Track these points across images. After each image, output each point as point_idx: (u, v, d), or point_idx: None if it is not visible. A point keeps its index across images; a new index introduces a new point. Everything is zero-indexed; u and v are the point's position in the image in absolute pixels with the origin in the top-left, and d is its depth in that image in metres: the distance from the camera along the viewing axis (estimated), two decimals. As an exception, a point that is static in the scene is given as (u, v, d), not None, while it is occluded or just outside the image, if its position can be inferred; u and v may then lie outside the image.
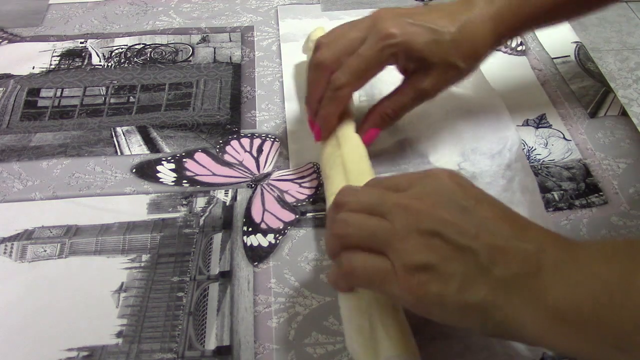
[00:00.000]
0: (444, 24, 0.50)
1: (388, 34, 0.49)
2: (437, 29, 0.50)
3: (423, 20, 0.50)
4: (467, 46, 0.50)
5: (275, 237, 0.54)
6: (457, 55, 0.50)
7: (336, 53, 0.51)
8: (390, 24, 0.50)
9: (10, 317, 0.48)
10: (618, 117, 0.65)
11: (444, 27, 0.50)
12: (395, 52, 0.50)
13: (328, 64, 0.51)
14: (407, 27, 0.50)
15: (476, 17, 0.50)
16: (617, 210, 0.56)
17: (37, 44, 0.76)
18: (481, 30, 0.50)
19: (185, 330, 0.47)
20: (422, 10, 0.52)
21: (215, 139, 0.63)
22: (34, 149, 0.62)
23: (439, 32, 0.50)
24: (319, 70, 0.52)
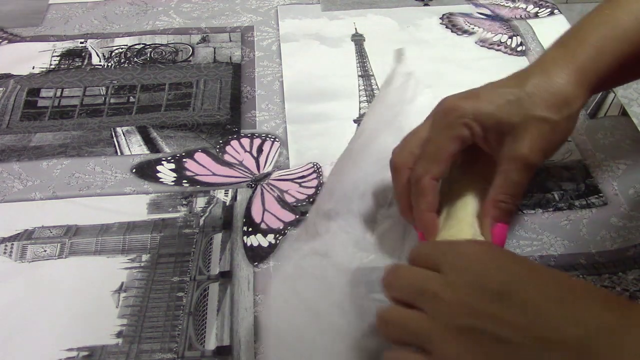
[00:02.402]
0: (514, 82, 0.45)
1: (452, 108, 0.45)
2: (508, 88, 0.45)
3: (490, 87, 0.46)
4: (549, 95, 0.44)
5: (275, 237, 0.54)
6: (540, 108, 0.44)
7: (408, 149, 0.47)
8: (454, 100, 0.46)
9: (10, 317, 0.48)
10: (618, 117, 0.65)
11: (515, 85, 0.45)
12: (464, 122, 0.44)
13: (403, 163, 0.47)
14: (472, 97, 0.45)
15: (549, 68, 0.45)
16: (617, 211, 0.56)
17: (37, 44, 0.76)
18: (561, 77, 0.45)
19: (185, 330, 0.47)
20: (494, 82, 0.47)
21: (215, 139, 0.63)
22: (34, 149, 0.62)
23: (513, 93, 0.44)
24: (397, 173, 0.48)
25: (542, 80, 0.44)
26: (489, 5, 0.83)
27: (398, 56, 0.65)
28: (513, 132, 0.44)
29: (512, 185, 0.44)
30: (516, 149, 0.44)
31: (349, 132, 0.64)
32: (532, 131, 0.43)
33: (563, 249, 0.53)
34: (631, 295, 0.49)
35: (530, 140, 0.43)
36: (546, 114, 0.44)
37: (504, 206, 0.45)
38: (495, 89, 0.46)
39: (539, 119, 0.43)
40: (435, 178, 0.45)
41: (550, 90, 0.44)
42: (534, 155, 0.44)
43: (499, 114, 0.44)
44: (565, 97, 0.44)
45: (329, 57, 0.74)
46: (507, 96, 0.44)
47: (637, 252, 0.52)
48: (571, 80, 0.44)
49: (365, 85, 0.70)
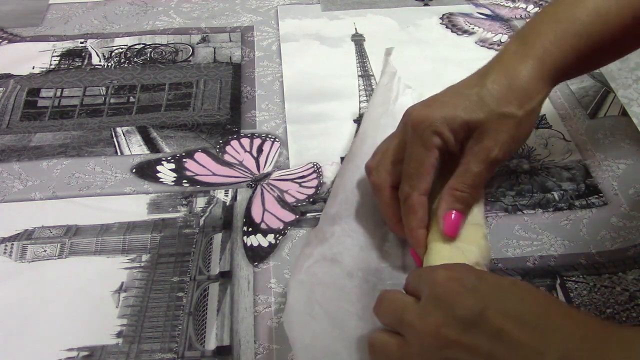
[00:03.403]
0: (475, 82, 0.46)
1: (420, 120, 0.45)
2: (469, 89, 0.46)
3: (450, 91, 0.47)
4: (511, 91, 0.45)
5: (275, 237, 0.54)
6: (503, 104, 0.45)
7: (384, 167, 0.48)
8: (419, 112, 0.46)
9: (10, 317, 0.48)
10: (618, 117, 0.65)
11: (475, 85, 0.46)
12: (436, 131, 0.45)
13: (382, 183, 0.48)
14: (437, 105, 0.46)
15: (509, 63, 0.46)
16: (617, 211, 0.56)
17: (37, 44, 0.76)
18: (522, 71, 0.45)
19: (185, 330, 0.47)
20: (454, 85, 0.48)
21: (215, 139, 0.63)
22: (34, 149, 0.62)
23: (473, 91, 0.46)
24: (379, 192, 0.49)
25: (503, 77, 0.45)
26: (489, 5, 0.83)
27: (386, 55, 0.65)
28: (479, 129, 0.45)
29: (469, 175, 0.45)
30: (480, 143, 0.45)
31: (349, 132, 0.64)
32: (496, 127, 0.45)
33: (563, 249, 0.53)
34: (631, 295, 0.49)
35: (494, 134, 0.44)
36: (509, 110, 0.45)
37: (459, 194, 0.45)
38: (457, 91, 0.47)
39: (503, 115, 0.45)
40: (422, 194, 0.46)
41: (511, 86, 0.45)
42: (497, 149, 0.45)
43: (464, 116, 0.45)
44: (526, 92, 0.45)
45: (329, 57, 0.74)
46: (470, 97, 0.45)
47: (637, 252, 0.52)
48: (532, 75, 0.45)
49: (365, 85, 0.70)
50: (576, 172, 0.59)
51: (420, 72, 0.71)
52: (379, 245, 0.49)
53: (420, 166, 0.46)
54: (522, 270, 0.51)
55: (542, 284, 0.50)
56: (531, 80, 0.45)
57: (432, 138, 0.45)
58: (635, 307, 0.48)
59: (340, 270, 0.47)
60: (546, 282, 0.50)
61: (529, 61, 0.46)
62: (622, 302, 0.49)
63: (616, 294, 0.49)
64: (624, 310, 0.48)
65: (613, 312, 0.48)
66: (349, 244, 0.49)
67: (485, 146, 0.45)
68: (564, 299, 0.49)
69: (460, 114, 0.45)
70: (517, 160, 0.60)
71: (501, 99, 0.45)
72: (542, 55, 0.46)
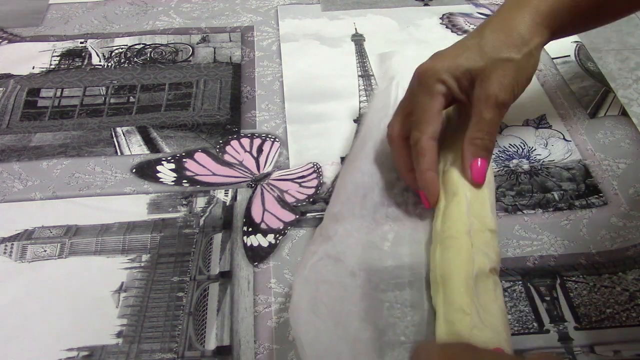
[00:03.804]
0: (475, 34, 0.50)
1: (424, 71, 0.50)
2: (470, 40, 0.50)
3: (456, 45, 0.51)
4: (507, 37, 0.48)
5: (275, 237, 0.54)
6: (501, 50, 0.48)
7: (397, 120, 0.52)
8: (425, 63, 0.50)
9: (10, 317, 0.48)
10: (618, 117, 0.65)
11: (474, 36, 0.50)
12: (439, 79, 0.49)
13: (396, 134, 0.51)
14: (440, 56, 0.50)
15: (506, 15, 0.50)
16: (617, 211, 0.56)
17: (37, 44, 0.76)
18: (518, 19, 0.49)
19: (185, 330, 0.47)
20: (452, 44, 0.52)
21: (215, 139, 0.63)
22: (34, 149, 0.62)
23: (473, 41, 0.49)
24: (393, 143, 0.52)
25: (499, 25, 0.49)
26: (489, 5, 0.83)
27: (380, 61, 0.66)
28: (481, 76, 0.48)
29: (485, 123, 0.48)
30: (485, 89, 0.48)
31: (349, 132, 0.64)
32: (497, 72, 0.48)
33: (563, 249, 0.53)
34: (631, 295, 0.49)
35: (497, 79, 0.47)
36: (507, 54, 0.48)
37: (480, 142, 0.48)
38: (459, 44, 0.50)
39: (502, 60, 0.48)
40: (431, 137, 0.49)
41: (508, 32, 0.48)
42: (502, 92, 0.48)
43: (465, 63, 0.48)
44: (522, 36, 0.48)
45: (329, 57, 0.74)
46: (470, 47, 0.49)
47: (637, 252, 0.52)
48: (527, 21, 0.49)
49: (365, 85, 0.70)
50: (576, 172, 0.59)
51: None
52: (380, 246, 0.49)
53: (426, 112, 0.49)
54: (522, 270, 0.51)
55: (542, 284, 0.50)
56: (527, 26, 0.49)
57: (436, 85, 0.49)
58: (635, 307, 0.48)
59: (343, 270, 0.47)
60: (546, 282, 0.50)
61: (524, 9, 0.49)
62: (622, 302, 0.49)
63: (616, 294, 0.49)
64: (624, 310, 0.48)
65: (613, 312, 0.48)
66: (352, 243, 0.49)
67: (492, 91, 0.47)
68: (564, 299, 0.49)
69: (461, 63, 0.48)
70: (517, 160, 0.60)
71: (499, 46, 0.48)
72: (537, 8, 0.49)
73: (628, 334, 0.47)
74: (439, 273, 0.45)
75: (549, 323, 0.48)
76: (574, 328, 0.47)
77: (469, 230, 0.46)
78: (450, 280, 0.44)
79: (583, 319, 0.48)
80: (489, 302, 0.43)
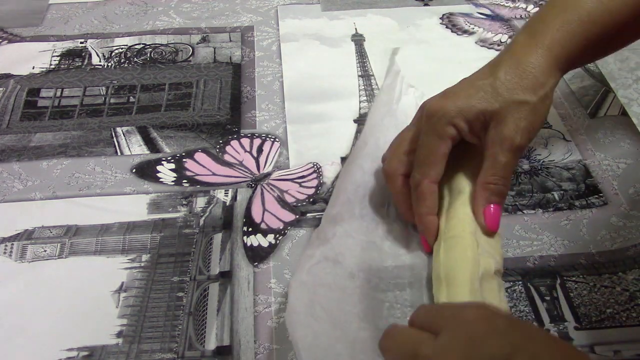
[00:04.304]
0: (487, 73, 0.47)
1: (434, 111, 0.47)
2: (482, 80, 0.47)
3: (465, 82, 0.48)
4: (522, 79, 0.46)
5: (275, 237, 0.54)
6: (516, 92, 0.46)
7: (396, 156, 0.50)
8: (434, 102, 0.48)
9: (10, 317, 0.48)
10: (618, 117, 0.65)
11: (489, 76, 0.47)
12: (450, 121, 0.46)
13: (394, 171, 0.50)
14: (451, 96, 0.47)
15: (519, 54, 0.47)
16: (617, 210, 0.56)
17: (37, 44, 0.76)
18: (532, 60, 0.46)
19: (185, 330, 0.47)
20: (462, 80, 0.49)
21: (215, 139, 0.63)
22: (34, 149, 0.62)
23: (486, 82, 0.47)
24: (391, 181, 0.50)
25: (513, 66, 0.46)
26: (489, 5, 0.83)
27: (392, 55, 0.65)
28: (496, 118, 0.46)
29: (499, 167, 0.46)
30: (501, 132, 0.45)
31: (349, 132, 0.64)
32: (513, 114, 0.45)
33: (563, 249, 0.53)
34: (631, 295, 0.49)
35: (513, 122, 0.45)
36: (523, 97, 0.45)
37: (494, 187, 0.46)
38: (470, 82, 0.47)
39: (518, 102, 0.45)
40: (433, 181, 0.47)
41: (522, 74, 0.46)
42: (519, 136, 0.45)
43: (479, 105, 0.46)
44: (537, 78, 0.46)
45: (329, 57, 0.74)
46: (483, 87, 0.46)
47: (637, 252, 0.52)
48: (541, 62, 0.46)
49: (365, 85, 0.70)
50: (576, 172, 0.59)
51: (420, 72, 0.71)
52: (380, 246, 0.49)
53: (431, 154, 0.47)
54: (522, 270, 0.51)
55: (542, 284, 0.50)
56: (541, 68, 0.46)
57: (446, 128, 0.46)
58: (635, 307, 0.48)
59: (342, 271, 0.47)
60: (546, 282, 0.50)
61: (538, 50, 0.47)
62: (622, 302, 0.49)
63: (616, 294, 0.49)
64: (624, 310, 0.48)
65: (613, 312, 0.48)
66: (351, 244, 0.49)
67: (508, 135, 0.45)
68: (564, 299, 0.49)
69: (475, 104, 0.46)
70: (517, 160, 0.60)
71: (514, 87, 0.46)
72: (550, 44, 0.47)
73: (628, 334, 0.47)
74: (442, 271, 0.44)
75: (549, 323, 0.48)
76: (574, 328, 0.47)
77: (475, 230, 0.46)
78: (455, 280, 0.43)
79: (583, 319, 0.48)
80: (494, 303, 0.43)
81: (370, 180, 0.53)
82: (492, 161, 0.46)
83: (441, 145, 0.47)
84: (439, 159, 0.47)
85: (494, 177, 0.46)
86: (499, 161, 0.46)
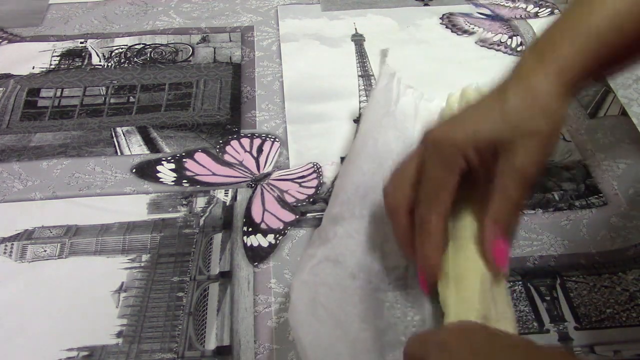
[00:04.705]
0: (495, 98, 0.44)
1: (442, 140, 0.43)
2: (491, 106, 0.44)
3: (473, 109, 0.45)
4: (534, 107, 0.43)
5: (275, 237, 0.54)
6: (528, 121, 0.43)
7: (400, 189, 0.46)
8: (441, 131, 0.44)
9: (10, 317, 0.48)
10: (618, 117, 0.65)
11: (497, 101, 0.44)
12: (460, 152, 0.42)
13: (399, 205, 0.45)
14: (459, 124, 0.44)
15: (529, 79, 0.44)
16: (617, 211, 0.56)
17: (37, 44, 0.76)
18: (543, 86, 0.43)
19: (185, 330, 0.47)
20: (472, 104, 0.46)
21: (215, 139, 0.63)
22: (34, 149, 0.62)
23: (497, 109, 0.43)
24: (394, 215, 0.46)
25: (523, 91, 0.43)
26: (489, 5, 0.83)
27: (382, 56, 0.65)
28: (507, 148, 0.42)
29: (511, 201, 0.42)
30: (512, 163, 0.42)
31: (349, 132, 0.64)
32: (525, 144, 0.42)
33: (563, 249, 0.53)
34: (631, 295, 0.49)
35: (525, 153, 0.42)
36: (535, 126, 0.42)
37: (504, 222, 0.43)
38: (478, 108, 0.44)
39: (530, 131, 0.42)
40: (441, 218, 0.43)
41: (534, 102, 0.43)
42: (531, 167, 0.42)
43: (489, 134, 0.42)
44: (549, 105, 0.43)
45: (329, 57, 0.74)
46: (492, 114, 0.43)
47: (637, 252, 0.52)
48: (552, 90, 0.43)
49: (365, 85, 0.70)
50: (576, 172, 0.59)
51: (420, 72, 0.71)
52: (381, 246, 0.49)
53: (440, 189, 0.43)
54: (522, 270, 0.51)
55: (542, 284, 0.50)
56: (553, 95, 0.44)
57: (455, 159, 0.43)
58: (635, 307, 0.48)
59: (343, 271, 0.47)
60: (546, 282, 0.50)
61: (549, 76, 0.44)
62: (622, 302, 0.49)
63: (616, 294, 0.49)
64: (624, 310, 0.48)
65: (613, 312, 0.48)
66: (351, 245, 0.49)
67: (520, 166, 0.42)
68: (564, 299, 0.49)
69: (485, 133, 0.42)
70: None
71: (525, 115, 0.43)
72: (561, 69, 0.44)
73: (628, 334, 0.47)
74: (451, 269, 0.43)
75: (549, 323, 0.48)
76: (574, 328, 0.47)
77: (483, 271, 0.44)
78: (465, 280, 0.42)
79: (583, 319, 0.48)
80: (504, 306, 0.42)
81: (370, 180, 0.53)
82: (502, 194, 0.42)
83: (450, 178, 0.43)
84: (448, 193, 0.43)
85: (504, 212, 0.42)
86: (509, 195, 0.42)
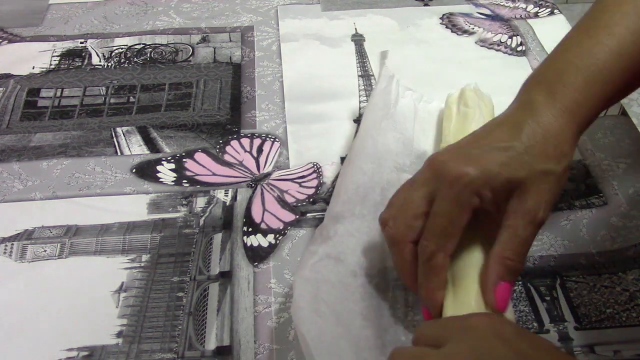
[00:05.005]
0: (511, 136, 0.43)
1: (459, 176, 0.41)
2: (507, 144, 0.43)
3: (487, 143, 0.44)
4: (547, 146, 0.42)
5: (275, 237, 0.54)
6: (542, 161, 0.42)
7: (404, 221, 0.44)
8: (455, 164, 0.42)
9: (10, 317, 0.48)
10: (618, 117, 0.65)
11: (513, 139, 0.43)
12: (475, 190, 0.41)
13: (402, 237, 0.44)
14: (472, 159, 0.42)
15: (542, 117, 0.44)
16: (617, 210, 0.56)
17: (37, 44, 0.76)
18: (556, 126, 0.43)
19: (185, 330, 0.47)
20: (481, 134, 0.45)
21: (215, 139, 0.63)
22: (34, 149, 0.62)
23: (512, 147, 0.42)
24: (397, 247, 0.45)
25: (538, 132, 0.43)
26: (489, 5, 0.83)
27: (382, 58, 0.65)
28: (520, 187, 0.42)
29: (519, 241, 0.42)
30: (525, 204, 0.41)
31: (349, 132, 0.64)
32: (538, 185, 0.42)
33: (563, 249, 0.53)
34: (631, 295, 0.49)
35: (538, 194, 0.42)
36: (549, 167, 0.42)
37: (510, 264, 0.42)
38: (490, 144, 0.43)
39: (543, 173, 0.42)
40: (449, 255, 0.43)
41: (547, 141, 0.43)
42: (542, 209, 0.42)
43: (505, 174, 0.41)
44: (562, 146, 0.43)
45: (329, 57, 0.74)
46: (508, 152, 0.42)
47: (637, 252, 0.52)
48: (565, 129, 0.43)
49: (365, 85, 0.70)
50: (576, 172, 0.59)
51: (420, 72, 0.71)
52: (382, 245, 0.49)
53: (450, 225, 0.42)
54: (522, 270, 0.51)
55: (542, 284, 0.50)
56: (565, 135, 0.43)
57: (470, 198, 0.41)
58: (635, 307, 0.48)
59: (344, 269, 0.47)
60: (546, 282, 0.50)
61: (563, 115, 0.44)
62: (622, 302, 0.49)
63: (616, 294, 0.49)
64: (624, 310, 0.48)
65: (613, 312, 0.48)
66: (352, 243, 0.49)
67: (531, 207, 0.41)
68: (564, 299, 0.49)
69: (501, 172, 0.41)
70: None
71: (540, 155, 0.42)
72: (573, 109, 0.44)
73: (628, 334, 0.47)
74: (449, 272, 0.43)
75: (549, 323, 0.48)
76: (574, 328, 0.47)
77: None
78: (463, 281, 0.42)
79: (583, 319, 0.48)
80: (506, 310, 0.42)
81: (370, 181, 0.53)
82: (511, 234, 0.42)
83: (463, 216, 0.42)
84: (458, 230, 0.42)
85: (512, 252, 0.42)
86: (519, 235, 0.41)
